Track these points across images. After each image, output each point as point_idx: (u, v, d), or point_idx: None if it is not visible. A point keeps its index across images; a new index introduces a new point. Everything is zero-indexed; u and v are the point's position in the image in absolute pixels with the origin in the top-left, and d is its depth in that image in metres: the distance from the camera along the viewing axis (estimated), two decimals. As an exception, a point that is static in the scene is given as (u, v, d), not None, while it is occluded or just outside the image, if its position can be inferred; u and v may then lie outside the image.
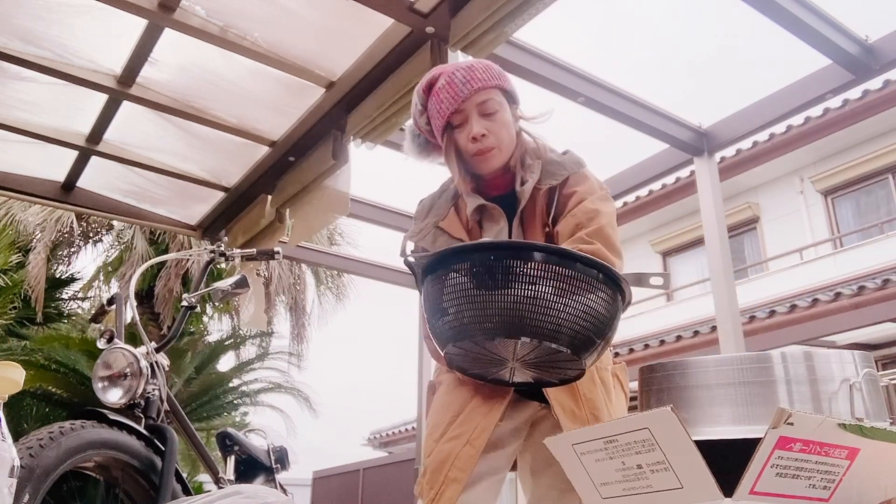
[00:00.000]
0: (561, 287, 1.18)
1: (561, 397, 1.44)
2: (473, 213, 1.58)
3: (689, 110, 3.42)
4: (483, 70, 1.53)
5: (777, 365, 0.96)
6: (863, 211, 10.39)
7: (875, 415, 0.95)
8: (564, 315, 1.18)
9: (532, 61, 2.90)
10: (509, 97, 1.56)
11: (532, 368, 1.32)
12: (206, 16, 2.63)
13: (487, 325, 1.20)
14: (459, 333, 1.24)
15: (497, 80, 1.53)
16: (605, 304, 1.22)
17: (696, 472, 0.82)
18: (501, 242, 1.34)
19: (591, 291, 1.20)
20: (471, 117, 1.50)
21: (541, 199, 1.55)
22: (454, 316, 1.24)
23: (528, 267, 1.18)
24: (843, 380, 0.95)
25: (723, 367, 0.98)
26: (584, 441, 0.93)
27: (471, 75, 1.50)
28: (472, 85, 1.49)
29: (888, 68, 2.92)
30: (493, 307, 1.19)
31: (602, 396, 1.47)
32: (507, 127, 1.54)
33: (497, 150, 1.52)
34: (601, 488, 0.94)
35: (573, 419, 1.42)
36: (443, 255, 1.26)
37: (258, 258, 2.73)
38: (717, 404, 0.96)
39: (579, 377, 1.33)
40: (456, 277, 1.23)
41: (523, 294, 1.17)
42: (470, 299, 1.21)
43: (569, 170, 1.55)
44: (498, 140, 1.52)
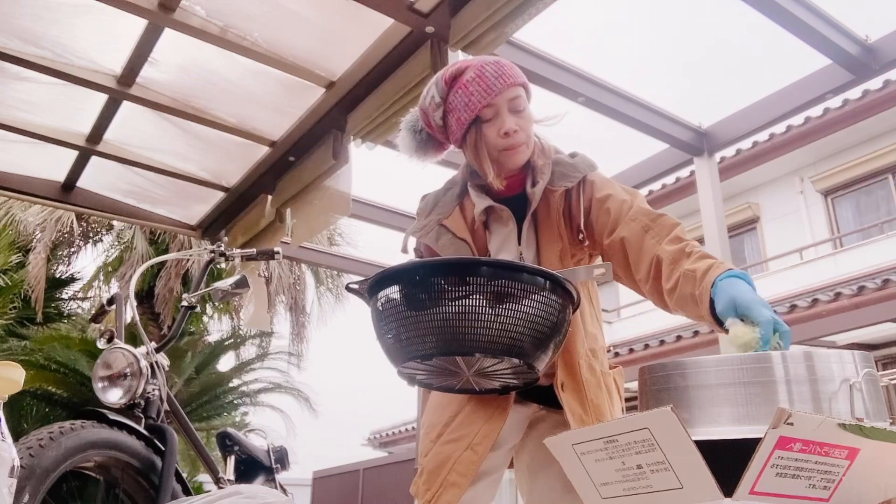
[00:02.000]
0: (493, 300, 1.18)
1: (573, 403, 1.44)
2: (481, 214, 1.57)
3: (689, 110, 3.43)
4: (510, 67, 1.53)
5: (777, 365, 0.96)
6: (863, 211, 10.39)
7: (875, 415, 0.95)
8: (500, 328, 1.18)
9: (532, 61, 2.90)
10: (529, 96, 1.57)
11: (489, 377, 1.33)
12: (206, 16, 2.63)
13: (424, 343, 1.21)
14: (402, 355, 1.26)
15: (523, 78, 1.54)
16: (548, 309, 1.22)
17: (696, 472, 0.82)
18: (426, 261, 1.34)
19: (524, 298, 1.19)
20: (502, 112, 1.49)
21: (556, 202, 1.53)
22: (394, 337, 1.26)
23: (455, 282, 1.18)
24: (843, 380, 0.95)
25: (723, 368, 0.98)
26: (584, 441, 0.93)
27: (502, 70, 1.50)
28: (504, 80, 1.48)
29: (888, 68, 2.92)
30: (427, 326, 1.20)
31: (606, 402, 1.48)
32: (532, 125, 1.54)
33: (525, 146, 1.52)
34: (601, 488, 0.94)
35: (581, 424, 1.42)
36: (379, 278, 1.28)
37: (258, 258, 2.73)
38: (717, 404, 0.96)
39: (536, 381, 1.34)
40: (391, 300, 1.25)
41: (452, 310, 1.18)
42: (405, 320, 1.23)
43: (582, 171, 1.55)
44: (527, 136, 1.52)
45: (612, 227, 1.47)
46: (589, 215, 1.52)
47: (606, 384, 1.51)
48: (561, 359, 1.48)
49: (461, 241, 1.56)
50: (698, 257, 1.30)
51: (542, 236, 1.54)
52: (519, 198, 1.56)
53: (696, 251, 1.32)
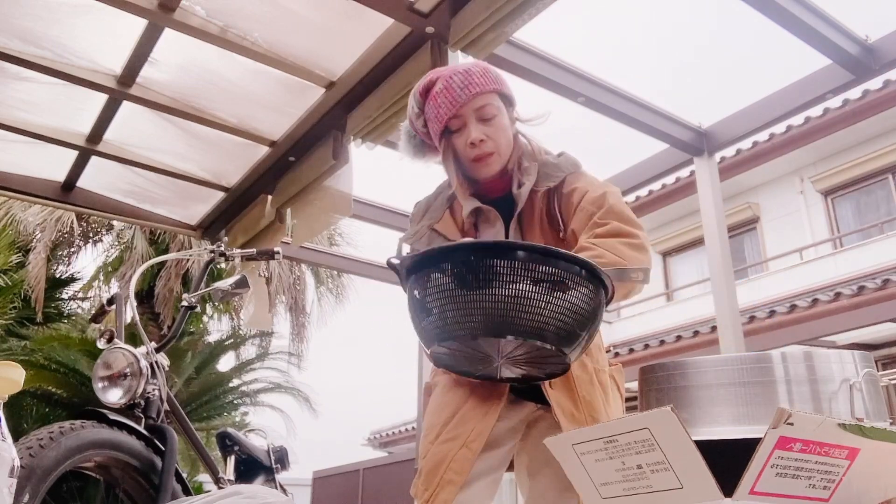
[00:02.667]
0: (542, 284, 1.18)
1: (561, 399, 1.44)
2: (469, 216, 1.58)
3: (689, 110, 3.42)
4: (481, 74, 1.52)
5: (777, 365, 0.96)
6: (863, 211, 10.39)
7: (875, 415, 0.95)
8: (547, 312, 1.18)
9: (532, 61, 2.90)
10: (507, 100, 1.56)
11: (518, 365, 1.33)
12: (206, 16, 2.63)
13: (470, 324, 1.21)
14: (444, 333, 1.25)
15: (495, 84, 1.53)
16: (588, 300, 1.23)
17: (696, 472, 0.82)
18: (482, 242, 1.34)
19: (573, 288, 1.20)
20: (469, 122, 1.49)
21: (539, 202, 1.54)
22: (438, 316, 1.25)
23: (509, 266, 1.19)
24: (843, 380, 0.95)
25: (723, 368, 0.98)
26: (584, 441, 0.93)
27: (469, 80, 1.49)
28: (469, 90, 1.48)
29: (888, 68, 2.92)
30: (476, 306, 1.20)
31: (600, 398, 1.47)
32: (505, 131, 1.53)
33: (496, 155, 1.52)
34: (601, 488, 0.94)
35: (572, 421, 1.41)
36: (425, 256, 1.27)
37: (258, 258, 2.73)
38: (717, 404, 0.96)
39: (565, 371, 1.34)
40: (438, 277, 1.24)
41: (505, 293, 1.18)
42: (452, 299, 1.22)
43: (565, 170, 1.55)
44: (496, 145, 1.51)
45: (568, 220, 1.51)
46: (560, 211, 1.53)
47: (600, 381, 1.50)
48: None
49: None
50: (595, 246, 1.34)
51: (527, 236, 1.55)
52: (506, 199, 1.57)
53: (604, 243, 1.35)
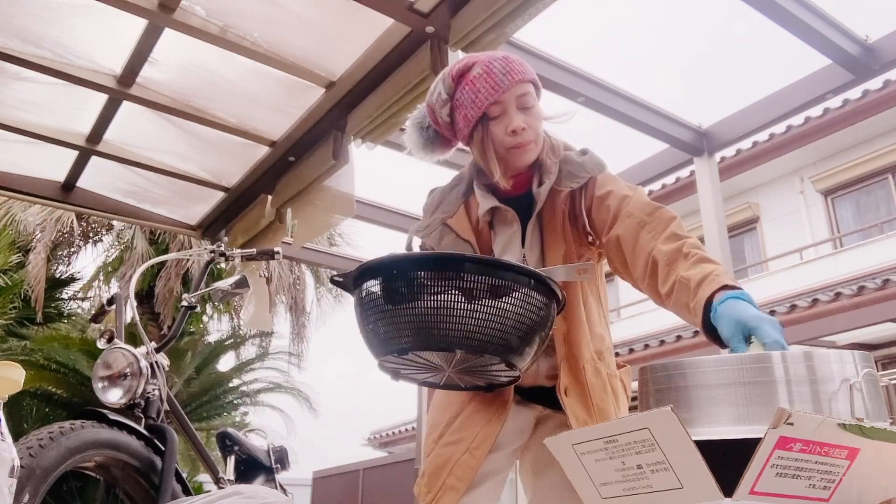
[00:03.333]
0: (470, 295, 1.17)
1: (576, 408, 1.42)
2: (485, 214, 1.54)
3: (689, 110, 3.42)
4: (519, 63, 1.49)
5: (777, 365, 0.96)
6: (863, 211, 10.39)
7: (875, 415, 0.95)
8: (475, 324, 1.17)
9: (532, 61, 2.89)
10: (539, 92, 1.54)
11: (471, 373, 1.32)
12: (206, 16, 2.63)
13: (401, 337, 1.21)
14: (380, 348, 1.26)
15: (532, 75, 1.50)
16: (527, 307, 1.20)
17: (696, 472, 0.82)
18: (406, 256, 1.34)
19: (503, 297, 1.18)
20: (509, 109, 1.46)
21: (561, 202, 1.50)
22: (373, 331, 1.26)
23: (433, 278, 1.18)
24: (843, 380, 0.95)
25: (723, 368, 0.98)
26: (584, 441, 0.93)
27: (510, 66, 1.46)
28: (512, 77, 1.45)
29: (888, 68, 2.92)
30: (404, 320, 1.20)
31: (612, 405, 1.46)
32: (541, 122, 1.51)
33: (534, 145, 1.49)
34: (601, 488, 0.94)
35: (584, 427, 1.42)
36: (359, 272, 1.28)
37: (258, 258, 2.73)
38: (717, 404, 0.96)
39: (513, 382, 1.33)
40: (371, 292, 1.25)
41: (430, 305, 1.17)
42: (383, 314, 1.23)
43: (590, 171, 1.50)
44: (535, 134, 1.49)
45: (610, 225, 1.45)
46: (591, 214, 1.48)
47: (612, 386, 1.49)
48: (565, 362, 1.46)
49: (465, 242, 1.53)
50: (695, 261, 1.25)
51: (547, 238, 1.50)
52: (525, 197, 1.53)
53: (692, 253, 1.28)
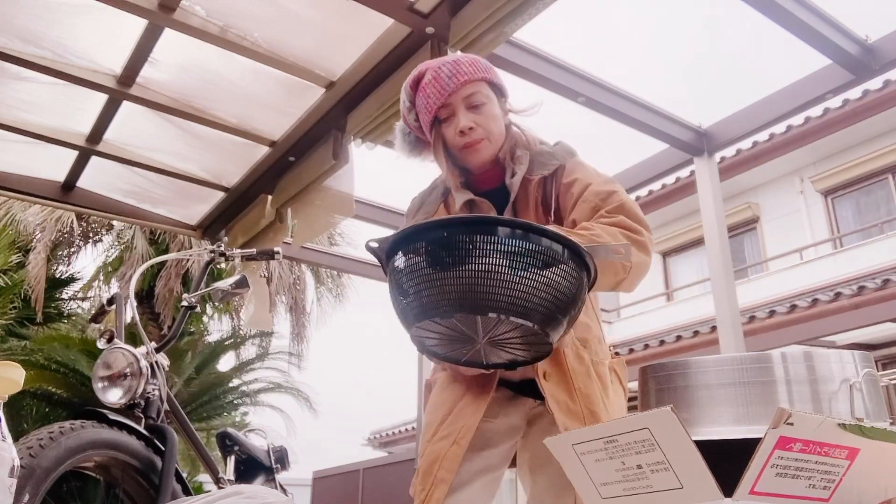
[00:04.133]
0: (517, 261, 1.16)
1: (555, 391, 1.43)
2: (463, 208, 1.56)
3: (689, 110, 3.42)
4: (469, 63, 1.52)
5: (777, 365, 0.96)
6: (863, 211, 10.39)
7: (875, 415, 0.95)
8: (522, 290, 1.16)
9: (532, 61, 2.90)
10: (497, 90, 1.56)
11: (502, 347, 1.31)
12: (206, 16, 2.63)
13: (445, 302, 1.19)
14: (420, 314, 1.23)
15: (483, 73, 1.53)
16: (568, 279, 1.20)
17: (696, 472, 0.82)
18: (454, 218, 1.33)
19: (550, 265, 1.18)
20: (458, 111, 1.49)
21: (533, 191, 1.53)
22: (414, 297, 1.23)
23: (482, 242, 1.17)
24: (843, 380, 0.95)
25: (723, 367, 0.98)
26: (584, 441, 0.93)
27: (457, 69, 1.49)
28: (458, 78, 1.48)
29: (888, 68, 2.92)
30: (450, 284, 1.18)
31: (598, 391, 1.45)
32: (496, 119, 1.53)
33: (486, 142, 1.51)
34: (601, 488, 0.93)
35: (568, 413, 1.40)
36: (399, 237, 1.25)
37: (258, 258, 2.73)
38: (717, 404, 0.96)
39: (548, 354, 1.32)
40: (413, 258, 1.23)
41: (479, 269, 1.16)
42: (427, 278, 1.21)
43: (560, 159, 1.54)
44: (486, 132, 1.51)
45: (570, 210, 1.48)
46: (559, 200, 1.52)
47: (598, 373, 1.48)
48: None
49: None
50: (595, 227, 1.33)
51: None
52: (501, 190, 1.56)
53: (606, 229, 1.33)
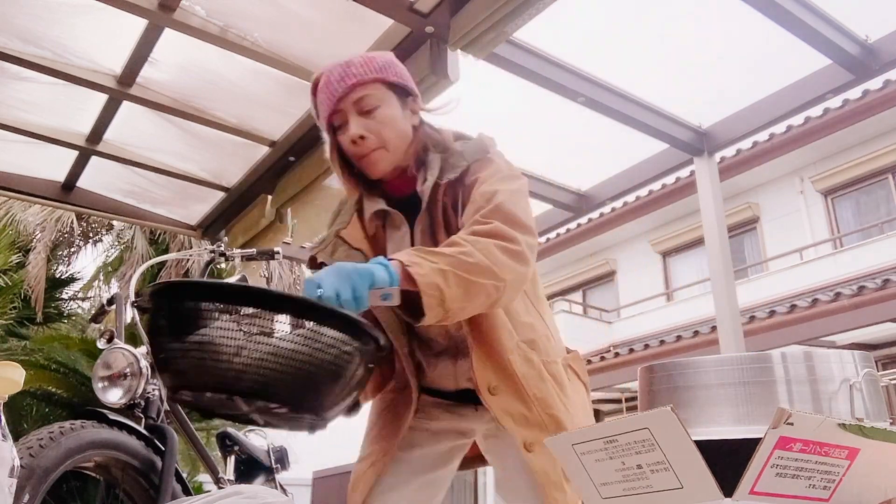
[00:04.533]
0: (251, 332, 1.00)
1: (507, 404, 1.32)
2: (374, 218, 1.46)
3: (689, 110, 3.41)
4: (361, 64, 1.38)
5: (777, 365, 0.96)
6: (863, 211, 10.39)
7: (875, 415, 0.95)
8: (246, 363, 0.99)
9: (532, 61, 2.90)
10: (398, 90, 1.42)
11: (274, 416, 1.13)
12: (206, 16, 2.63)
13: (174, 374, 1.06)
14: (164, 380, 1.13)
15: (377, 73, 1.39)
16: (311, 345, 1.00)
17: (696, 472, 0.82)
18: (172, 283, 1.23)
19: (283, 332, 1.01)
20: (350, 117, 1.36)
21: (443, 197, 1.39)
22: (156, 360, 1.12)
23: (208, 312, 1.01)
24: (843, 380, 0.95)
25: (723, 367, 0.98)
26: (584, 441, 0.93)
27: (347, 71, 1.36)
28: (346, 81, 1.35)
29: (888, 68, 2.92)
30: (173, 355, 1.05)
31: (554, 392, 1.36)
32: (393, 123, 1.38)
33: (382, 151, 1.37)
34: (601, 488, 0.94)
35: (525, 424, 1.32)
36: (152, 293, 1.12)
37: (258, 258, 2.73)
38: (717, 404, 0.96)
39: (324, 427, 1.19)
40: (157, 321, 1.10)
41: (196, 340, 1.00)
42: (157, 344, 1.09)
43: (468, 159, 1.38)
44: (381, 140, 1.37)
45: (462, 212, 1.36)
46: (465, 204, 1.37)
47: (552, 373, 1.38)
48: (487, 359, 1.34)
49: (356, 251, 1.44)
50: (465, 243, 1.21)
51: (438, 237, 1.39)
52: (414, 196, 1.42)
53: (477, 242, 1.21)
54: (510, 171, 1.39)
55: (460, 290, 1.16)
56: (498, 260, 1.20)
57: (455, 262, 1.17)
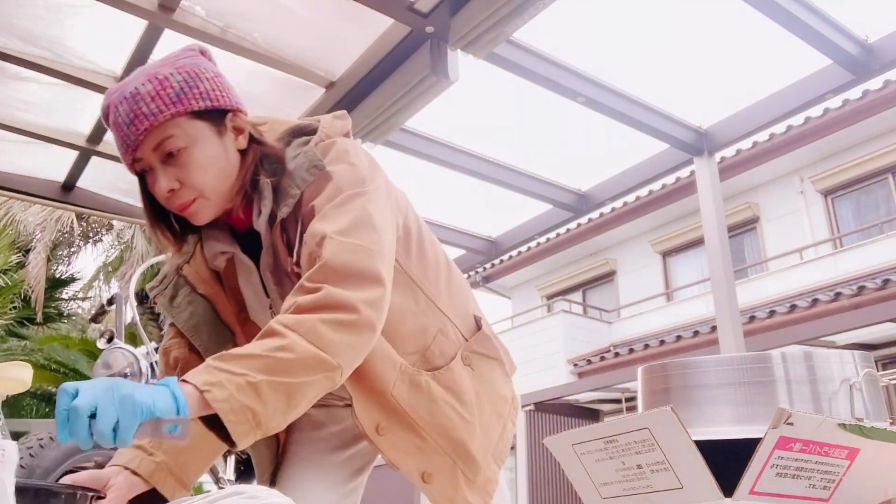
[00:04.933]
0: None
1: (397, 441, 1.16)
2: (216, 260, 1.24)
3: (689, 110, 3.42)
4: (152, 97, 1.08)
5: (777, 365, 0.96)
6: (863, 211, 10.39)
7: (875, 415, 0.95)
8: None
9: (532, 61, 2.90)
10: (209, 116, 1.12)
11: None
12: (206, 16, 2.63)
13: None
14: None
15: (173, 106, 1.09)
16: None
17: (696, 472, 0.82)
18: None
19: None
20: (154, 165, 1.11)
21: (282, 234, 1.15)
22: None
23: None
24: (843, 380, 0.95)
25: (723, 367, 0.98)
26: (584, 441, 0.93)
27: (135, 110, 1.08)
28: (137, 126, 1.07)
29: (888, 68, 2.92)
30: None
31: (450, 410, 1.17)
32: (207, 165, 1.11)
33: (202, 200, 1.13)
34: (601, 488, 0.94)
35: (420, 454, 1.17)
36: None
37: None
38: (717, 404, 0.97)
39: None
40: None
41: None
42: None
43: (300, 184, 1.12)
44: (196, 189, 1.11)
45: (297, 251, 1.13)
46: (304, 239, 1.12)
47: (446, 385, 1.19)
48: (368, 402, 1.15)
49: (201, 298, 1.22)
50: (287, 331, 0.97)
51: (284, 282, 1.17)
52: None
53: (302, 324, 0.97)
54: (351, 181, 1.12)
55: (281, 400, 0.94)
56: (328, 343, 0.97)
57: (269, 365, 0.93)
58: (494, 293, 14.24)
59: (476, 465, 1.17)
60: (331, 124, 1.22)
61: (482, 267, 12.61)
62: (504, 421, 1.24)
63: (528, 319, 12.40)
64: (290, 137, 1.20)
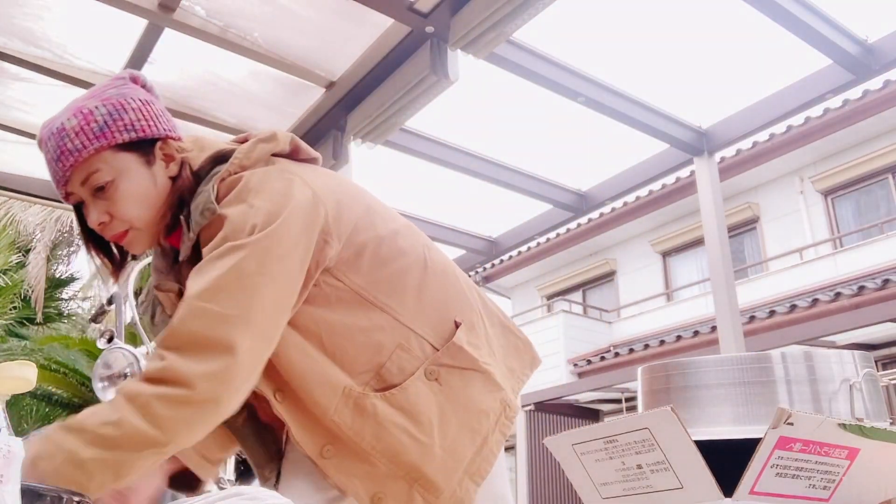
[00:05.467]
0: None
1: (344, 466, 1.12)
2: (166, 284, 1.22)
3: (689, 110, 3.42)
4: (76, 133, 1.10)
5: (777, 365, 0.96)
6: (863, 211, 10.39)
7: (875, 415, 0.95)
8: None
9: (532, 61, 2.90)
10: (134, 146, 1.12)
11: None
12: (206, 16, 2.63)
13: None
14: None
15: (98, 140, 1.09)
16: None
17: (696, 472, 0.82)
18: None
19: None
20: (85, 198, 1.12)
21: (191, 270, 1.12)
22: None
23: None
24: (843, 380, 0.95)
25: (723, 367, 0.98)
26: (584, 441, 0.93)
27: (62, 146, 1.09)
28: (63, 162, 1.09)
29: (888, 68, 2.92)
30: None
31: (401, 434, 1.11)
32: (134, 198, 1.12)
33: (133, 231, 1.14)
34: (601, 488, 0.94)
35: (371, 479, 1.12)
36: None
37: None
38: (717, 404, 0.97)
39: None
40: None
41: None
42: None
43: (194, 227, 1.10)
44: (125, 221, 1.12)
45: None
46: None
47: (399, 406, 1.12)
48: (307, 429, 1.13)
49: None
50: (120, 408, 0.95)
51: None
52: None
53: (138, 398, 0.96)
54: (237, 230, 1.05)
55: (108, 474, 0.93)
56: (159, 420, 0.95)
57: (96, 441, 0.93)
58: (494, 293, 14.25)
59: (436, 487, 1.11)
60: (247, 152, 1.15)
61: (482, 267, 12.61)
62: (484, 435, 1.14)
63: (528, 319, 12.40)
64: (211, 165, 1.15)
